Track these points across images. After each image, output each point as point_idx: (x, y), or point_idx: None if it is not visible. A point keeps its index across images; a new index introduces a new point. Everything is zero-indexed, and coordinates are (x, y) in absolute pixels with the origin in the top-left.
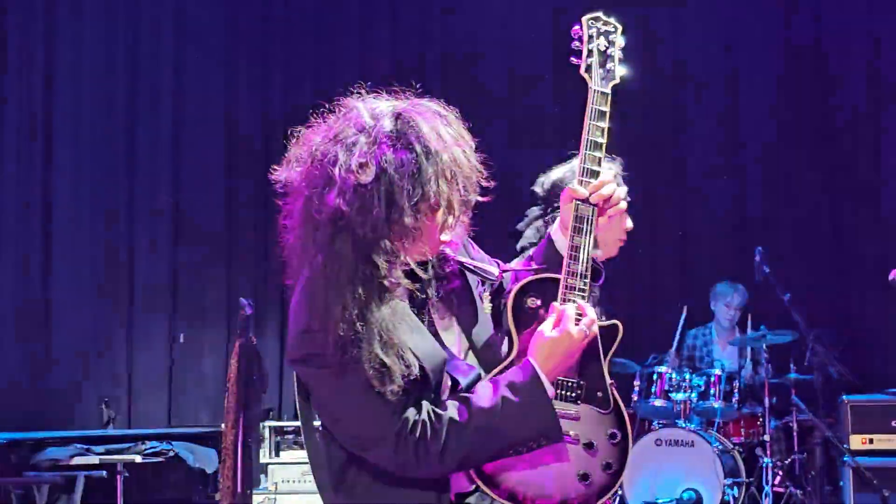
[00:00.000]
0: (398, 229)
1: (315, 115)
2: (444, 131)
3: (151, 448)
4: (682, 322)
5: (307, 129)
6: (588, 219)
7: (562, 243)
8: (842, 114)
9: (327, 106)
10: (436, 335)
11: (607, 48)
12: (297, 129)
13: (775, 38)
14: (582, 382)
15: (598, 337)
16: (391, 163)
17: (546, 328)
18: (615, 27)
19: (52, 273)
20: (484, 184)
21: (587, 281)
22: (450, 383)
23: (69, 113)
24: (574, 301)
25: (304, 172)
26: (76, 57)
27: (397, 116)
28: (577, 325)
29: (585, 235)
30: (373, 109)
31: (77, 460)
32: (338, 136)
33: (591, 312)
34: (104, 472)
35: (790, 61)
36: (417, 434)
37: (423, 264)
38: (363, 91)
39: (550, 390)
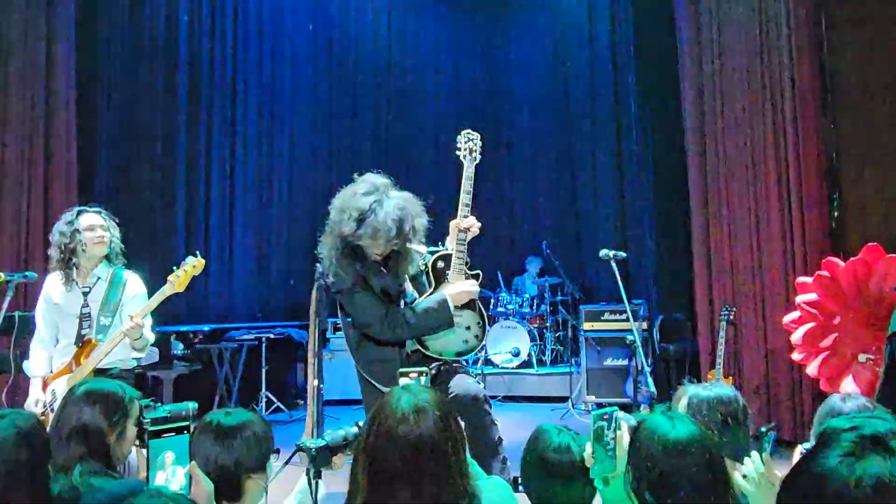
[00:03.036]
0: (364, 238)
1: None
2: (394, 211)
3: (279, 330)
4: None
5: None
6: (466, 234)
7: (450, 244)
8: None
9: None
10: (397, 281)
11: (472, 147)
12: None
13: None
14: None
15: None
16: (366, 211)
17: (466, 284)
18: (475, 135)
19: None
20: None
21: (464, 257)
22: (404, 301)
23: None
24: (464, 268)
25: (335, 214)
26: None
27: (375, 192)
28: (473, 287)
29: (462, 242)
30: (365, 184)
31: (245, 337)
32: (345, 196)
33: (477, 286)
34: (256, 342)
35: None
36: (391, 319)
37: (393, 253)
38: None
39: (452, 306)
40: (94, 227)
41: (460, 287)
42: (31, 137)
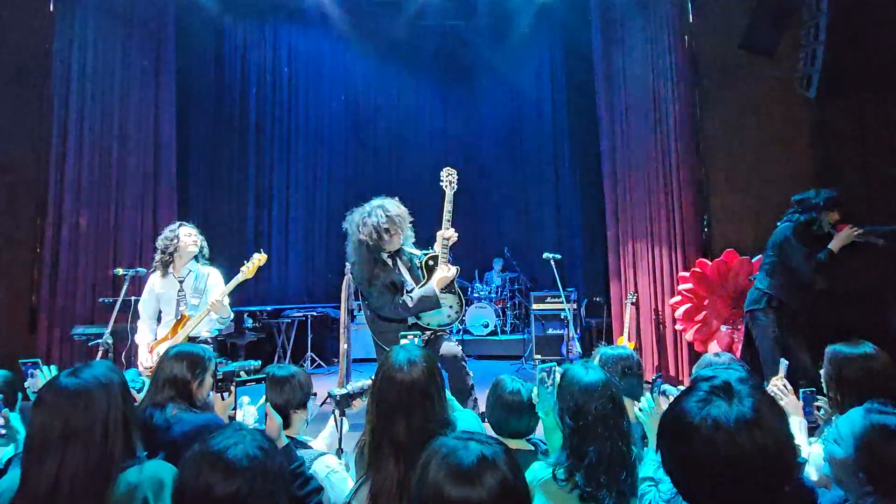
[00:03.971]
0: (379, 240)
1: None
2: (395, 209)
3: (320, 309)
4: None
5: (350, 214)
6: (448, 241)
7: (437, 248)
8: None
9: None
10: (401, 275)
11: (451, 180)
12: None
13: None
14: (451, 286)
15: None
16: (378, 218)
17: (443, 272)
18: (454, 171)
19: None
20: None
21: (448, 257)
22: (405, 289)
23: None
24: (448, 265)
25: (354, 227)
26: None
27: (379, 205)
28: (449, 272)
29: (445, 246)
30: (371, 205)
31: (296, 314)
32: (360, 213)
33: (454, 271)
34: (304, 318)
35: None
36: (395, 304)
37: (396, 252)
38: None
39: (438, 292)
40: (190, 234)
41: (440, 275)
42: (143, 175)
